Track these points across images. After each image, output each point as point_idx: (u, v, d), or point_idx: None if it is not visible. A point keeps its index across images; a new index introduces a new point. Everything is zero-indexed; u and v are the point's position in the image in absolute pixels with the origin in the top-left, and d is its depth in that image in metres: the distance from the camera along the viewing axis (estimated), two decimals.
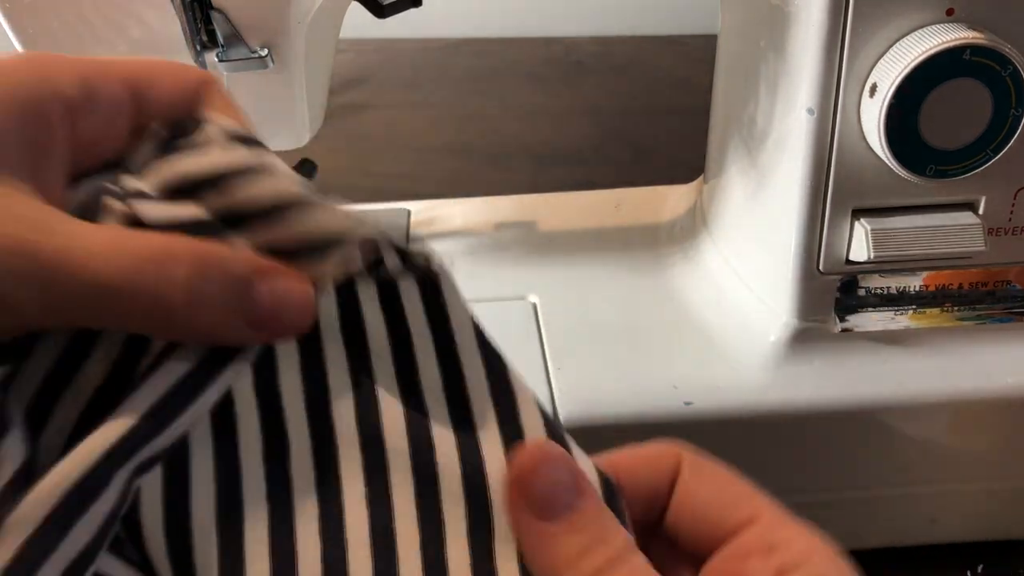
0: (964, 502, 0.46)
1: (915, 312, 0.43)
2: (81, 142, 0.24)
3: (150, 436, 0.21)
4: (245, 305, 0.22)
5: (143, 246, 0.21)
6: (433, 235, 0.55)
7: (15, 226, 0.20)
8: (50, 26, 0.38)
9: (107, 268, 0.20)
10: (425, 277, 0.25)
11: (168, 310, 0.21)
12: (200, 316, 0.21)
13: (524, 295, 0.49)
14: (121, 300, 0.20)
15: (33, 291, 0.20)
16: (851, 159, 0.39)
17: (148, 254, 0.21)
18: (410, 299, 0.25)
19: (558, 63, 0.95)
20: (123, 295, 0.20)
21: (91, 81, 0.24)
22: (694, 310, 0.48)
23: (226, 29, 0.38)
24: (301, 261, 0.23)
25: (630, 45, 0.98)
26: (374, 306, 0.25)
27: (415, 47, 0.97)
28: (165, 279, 0.21)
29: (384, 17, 0.42)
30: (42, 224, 0.20)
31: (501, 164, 0.80)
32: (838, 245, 0.41)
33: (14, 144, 0.22)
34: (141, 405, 0.21)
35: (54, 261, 0.20)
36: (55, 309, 0.20)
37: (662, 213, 0.56)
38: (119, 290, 0.20)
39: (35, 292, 0.20)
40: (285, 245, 0.23)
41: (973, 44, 0.35)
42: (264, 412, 0.24)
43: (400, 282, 0.25)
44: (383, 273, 0.24)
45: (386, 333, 0.25)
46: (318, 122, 0.46)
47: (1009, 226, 0.41)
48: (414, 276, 0.25)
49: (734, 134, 0.47)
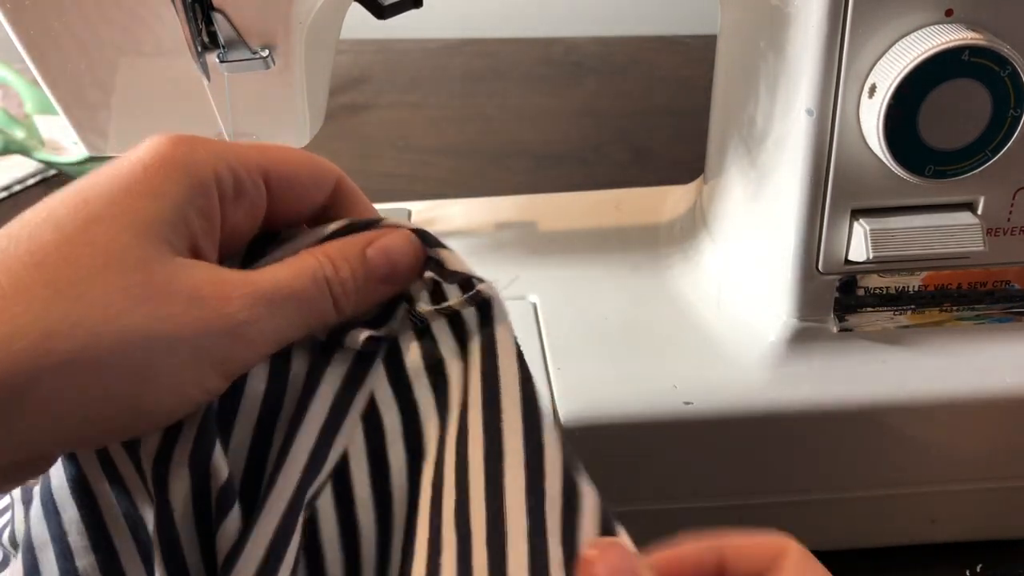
0: (964, 502, 0.46)
1: (914, 312, 0.43)
2: (225, 228, 0.26)
3: (314, 478, 0.26)
4: (368, 266, 0.27)
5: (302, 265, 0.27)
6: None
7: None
8: (52, 27, 0.38)
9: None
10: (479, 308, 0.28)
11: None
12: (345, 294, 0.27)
13: (524, 295, 0.49)
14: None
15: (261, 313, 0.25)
16: (850, 159, 0.39)
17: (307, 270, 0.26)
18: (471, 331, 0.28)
19: (558, 63, 0.95)
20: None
21: (238, 171, 0.26)
22: (694, 310, 0.48)
23: (227, 30, 0.38)
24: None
25: (630, 45, 0.98)
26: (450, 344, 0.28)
27: (415, 47, 0.97)
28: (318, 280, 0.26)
29: (384, 18, 0.42)
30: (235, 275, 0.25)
31: (501, 164, 0.80)
32: (837, 245, 0.41)
33: (195, 218, 0.25)
34: (302, 454, 0.26)
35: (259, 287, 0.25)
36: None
37: (662, 213, 0.56)
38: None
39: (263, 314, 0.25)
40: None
41: (972, 45, 0.35)
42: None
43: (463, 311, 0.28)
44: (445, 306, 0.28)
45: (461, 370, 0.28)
46: (318, 122, 0.46)
47: (1008, 226, 0.41)
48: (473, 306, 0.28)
49: (734, 134, 0.47)
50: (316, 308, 0.26)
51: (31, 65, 0.40)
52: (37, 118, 0.81)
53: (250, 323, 0.24)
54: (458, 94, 0.91)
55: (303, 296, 0.26)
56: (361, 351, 0.27)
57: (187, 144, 0.25)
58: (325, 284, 0.26)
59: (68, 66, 0.40)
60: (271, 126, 0.43)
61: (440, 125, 0.85)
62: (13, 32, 0.38)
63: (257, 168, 0.26)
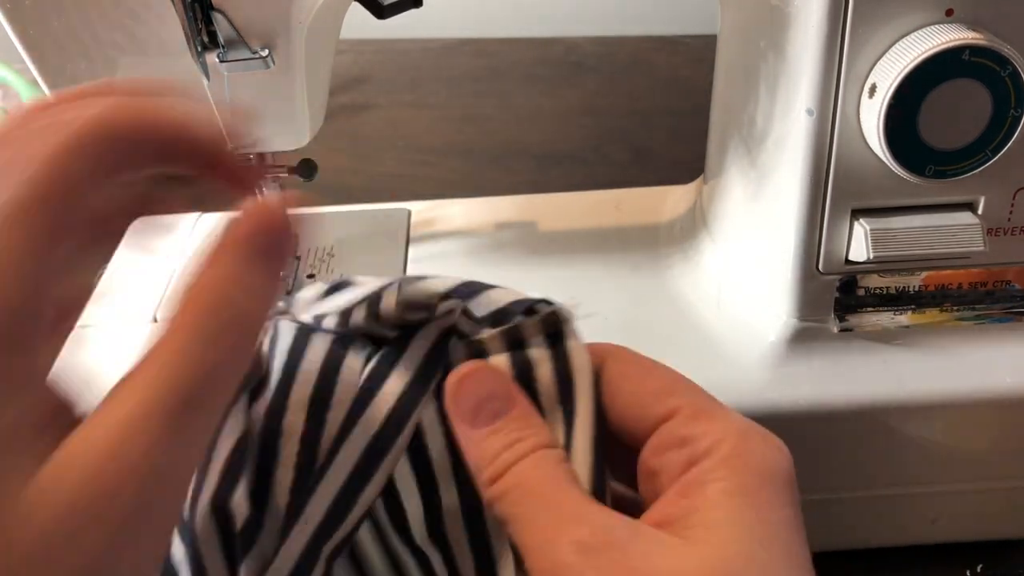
0: (964, 502, 0.46)
1: (914, 312, 0.43)
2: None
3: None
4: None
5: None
6: (433, 235, 0.55)
7: None
8: (51, 26, 0.38)
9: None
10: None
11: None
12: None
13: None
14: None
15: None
16: (850, 159, 0.39)
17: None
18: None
19: (558, 63, 0.95)
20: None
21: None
22: (694, 310, 0.48)
23: (227, 30, 0.38)
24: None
25: (630, 45, 0.98)
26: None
27: (415, 47, 0.97)
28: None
29: (384, 17, 0.42)
30: None
31: (501, 164, 0.80)
32: (837, 245, 0.41)
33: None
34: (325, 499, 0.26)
35: None
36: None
37: (662, 213, 0.56)
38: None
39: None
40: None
41: (972, 45, 0.35)
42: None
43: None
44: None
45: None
46: (318, 122, 0.46)
47: (1008, 226, 0.41)
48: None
49: (734, 134, 0.47)
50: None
51: (31, 65, 0.40)
52: None
53: None
54: (458, 94, 0.91)
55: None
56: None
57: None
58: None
59: (68, 66, 0.40)
60: (271, 126, 0.43)
61: (440, 125, 0.85)
62: (13, 32, 0.38)
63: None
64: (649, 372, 0.27)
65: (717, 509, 0.22)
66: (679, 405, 0.25)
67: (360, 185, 0.76)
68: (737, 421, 0.25)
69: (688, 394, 0.26)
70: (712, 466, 0.23)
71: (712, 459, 0.23)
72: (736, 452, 0.23)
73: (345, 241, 0.54)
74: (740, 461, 0.23)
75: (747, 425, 0.24)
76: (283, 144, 0.45)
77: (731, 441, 0.24)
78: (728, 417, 0.25)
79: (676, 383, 0.26)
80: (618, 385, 0.26)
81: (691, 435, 0.24)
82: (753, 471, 0.23)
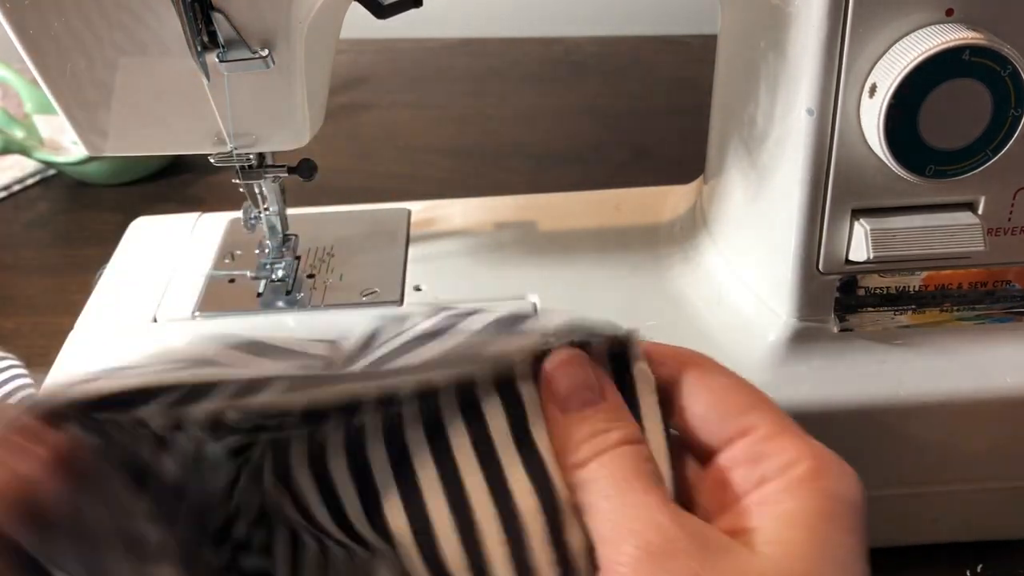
0: (964, 502, 0.46)
1: (914, 312, 0.43)
2: None
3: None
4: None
5: None
6: (433, 235, 0.55)
7: None
8: (51, 26, 0.38)
9: None
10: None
11: None
12: None
13: (524, 295, 0.49)
14: None
15: None
16: (851, 159, 0.39)
17: None
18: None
19: (558, 63, 0.95)
20: None
21: None
22: (694, 310, 0.48)
23: (227, 30, 0.38)
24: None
25: (630, 45, 0.98)
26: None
27: (415, 47, 0.98)
28: None
29: (384, 17, 0.42)
30: None
31: (501, 164, 0.80)
32: (838, 245, 0.41)
33: None
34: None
35: None
36: None
37: (662, 213, 0.56)
38: None
39: None
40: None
41: (973, 44, 0.35)
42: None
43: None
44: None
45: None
46: (318, 122, 0.46)
47: (1008, 226, 0.41)
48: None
49: (734, 134, 0.47)
50: None
51: (31, 65, 0.40)
52: (37, 118, 0.81)
53: None
54: (458, 94, 0.91)
55: None
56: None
57: None
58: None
59: (68, 66, 0.40)
60: (271, 126, 0.43)
61: (440, 125, 0.86)
62: (13, 32, 0.38)
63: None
64: (732, 386, 0.27)
65: (792, 528, 0.23)
66: (757, 423, 0.25)
67: (360, 185, 0.76)
68: (814, 445, 0.25)
69: (768, 413, 0.26)
70: (789, 485, 0.24)
71: (788, 478, 0.24)
72: (813, 475, 0.24)
73: (345, 241, 0.54)
74: (817, 484, 0.24)
75: (824, 450, 0.25)
76: (283, 144, 0.45)
77: (808, 463, 0.24)
78: (806, 440, 0.25)
79: (758, 401, 0.26)
80: (697, 394, 0.27)
81: (767, 453, 0.25)
82: (829, 496, 0.23)
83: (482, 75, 0.93)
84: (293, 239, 0.51)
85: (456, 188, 0.76)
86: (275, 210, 0.50)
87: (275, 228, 0.50)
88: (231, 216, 0.55)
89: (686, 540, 0.22)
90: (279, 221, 0.50)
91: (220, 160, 0.45)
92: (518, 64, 0.95)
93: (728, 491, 0.25)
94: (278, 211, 0.50)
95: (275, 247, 0.51)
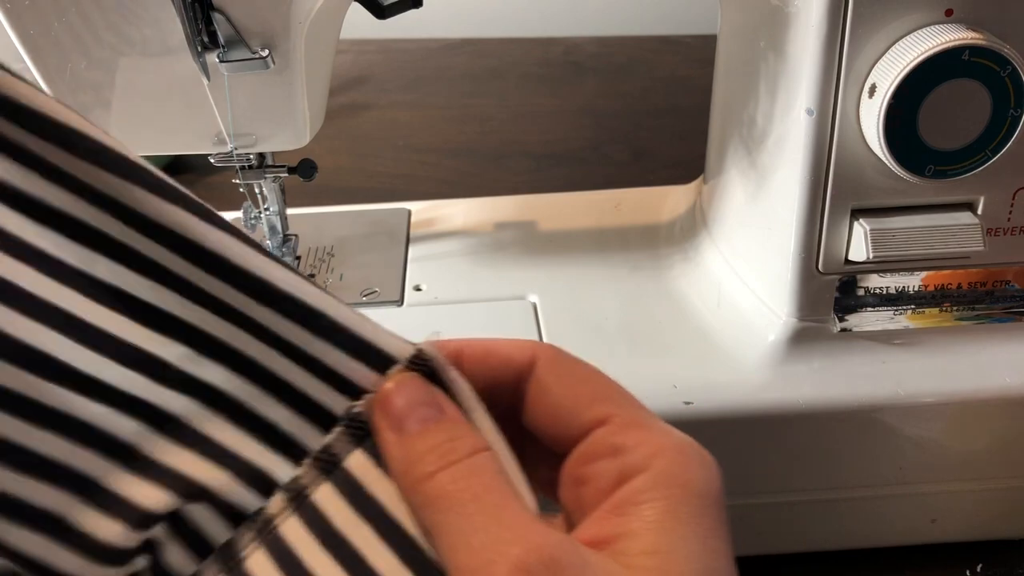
0: (964, 502, 0.46)
1: (914, 312, 0.43)
2: None
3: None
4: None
5: None
6: (433, 235, 0.55)
7: None
8: (51, 26, 0.38)
9: None
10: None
11: None
12: None
13: (524, 295, 0.49)
14: None
15: None
16: (850, 159, 0.39)
17: None
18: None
19: (558, 63, 0.95)
20: None
21: None
22: (694, 310, 0.48)
23: (227, 30, 0.38)
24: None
25: (630, 45, 0.98)
26: None
27: (415, 47, 0.97)
28: None
29: (384, 17, 0.42)
30: None
31: (501, 164, 0.80)
32: (837, 245, 0.41)
33: None
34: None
35: None
36: None
37: (662, 213, 0.56)
38: None
39: None
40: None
41: (972, 45, 0.35)
42: None
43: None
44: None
45: None
46: (318, 122, 0.46)
47: (1008, 226, 0.41)
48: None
49: (734, 134, 0.47)
50: None
51: (31, 65, 0.40)
52: None
53: None
54: (458, 94, 0.91)
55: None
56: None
57: None
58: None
59: (68, 66, 0.40)
60: (271, 126, 0.43)
61: (440, 125, 0.86)
62: (13, 32, 0.38)
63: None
64: (583, 376, 0.25)
65: (659, 534, 0.21)
66: (612, 413, 0.24)
67: (360, 185, 0.76)
68: (673, 435, 0.23)
69: (623, 402, 0.24)
70: (649, 484, 0.22)
71: (648, 475, 0.22)
72: (674, 470, 0.22)
73: (345, 241, 0.54)
74: (679, 481, 0.22)
75: (683, 440, 0.23)
76: (283, 144, 0.45)
77: (668, 456, 0.22)
78: (663, 430, 0.23)
79: (611, 390, 0.25)
80: (547, 386, 0.25)
81: (624, 444, 0.23)
82: (693, 493, 0.22)
83: (482, 75, 0.93)
84: (293, 239, 0.51)
85: (456, 188, 0.76)
86: (275, 210, 0.50)
87: (275, 228, 0.50)
88: (231, 216, 0.55)
89: (561, 554, 0.20)
90: (279, 221, 0.50)
91: (220, 160, 0.45)
92: (518, 64, 0.95)
93: (589, 488, 0.23)
94: (278, 211, 0.50)
95: (275, 247, 0.51)
